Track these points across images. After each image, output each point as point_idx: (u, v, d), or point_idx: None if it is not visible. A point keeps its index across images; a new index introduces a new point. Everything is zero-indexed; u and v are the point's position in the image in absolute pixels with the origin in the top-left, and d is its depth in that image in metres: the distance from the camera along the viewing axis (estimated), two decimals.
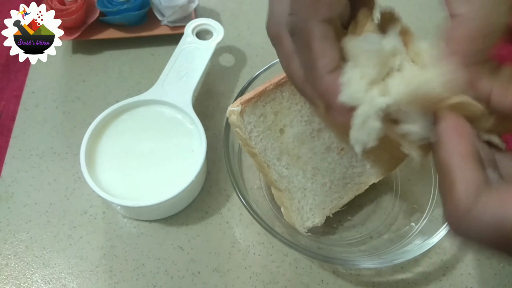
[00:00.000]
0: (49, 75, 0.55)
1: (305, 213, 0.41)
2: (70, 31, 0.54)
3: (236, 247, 0.44)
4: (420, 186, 0.46)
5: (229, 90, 0.55)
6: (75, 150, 0.49)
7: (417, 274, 0.43)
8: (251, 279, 0.42)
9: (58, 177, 0.48)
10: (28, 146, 0.49)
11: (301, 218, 0.41)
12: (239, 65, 0.57)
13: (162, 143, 0.45)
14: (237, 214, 0.46)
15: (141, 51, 0.58)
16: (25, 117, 0.52)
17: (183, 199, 0.45)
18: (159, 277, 0.42)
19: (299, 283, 0.42)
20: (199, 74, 0.49)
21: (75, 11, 0.52)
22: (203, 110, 0.52)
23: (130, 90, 0.54)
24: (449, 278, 0.43)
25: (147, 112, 0.47)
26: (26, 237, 0.44)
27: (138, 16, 0.56)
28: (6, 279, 0.42)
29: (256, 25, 0.61)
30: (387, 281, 0.42)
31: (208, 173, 0.48)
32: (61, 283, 0.42)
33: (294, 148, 0.40)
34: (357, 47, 0.28)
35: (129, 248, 0.44)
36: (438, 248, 0.44)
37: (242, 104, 0.37)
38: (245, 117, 0.38)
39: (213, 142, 0.50)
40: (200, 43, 0.51)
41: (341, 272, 0.43)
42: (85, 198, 0.46)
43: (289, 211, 0.40)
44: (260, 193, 0.46)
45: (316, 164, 0.41)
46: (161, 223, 0.45)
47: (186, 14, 0.57)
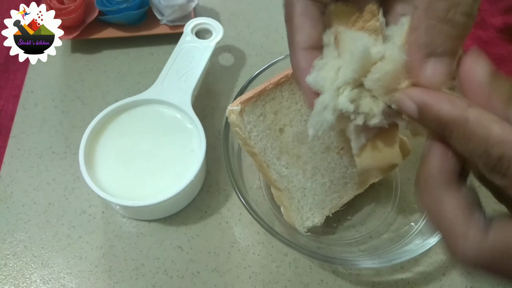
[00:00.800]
0: (48, 75, 0.55)
1: (305, 212, 0.41)
2: (69, 30, 0.53)
3: (236, 247, 0.44)
4: None
5: (229, 90, 0.55)
6: (74, 150, 0.49)
7: (417, 273, 0.43)
8: (250, 279, 0.42)
9: (57, 176, 0.47)
10: (27, 146, 0.49)
11: (301, 218, 0.41)
12: (238, 65, 0.57)
13: (162, 143, 0.45)
14: (237, 214, 0.46)
15: (140, 51, 0.58)
16: (24, 116, 0.52)
17: (182, 198, 0.45)
18: (158, 277, 0.42)
19: (299, 282, 0.42)
20: (199, 73, 0.48)
21: (74, 10, 0.52)
22: (202, 110, 0.52)
23: (129, 89, 0.54)
24: (449, 278, 0.43)
25: (146, 111, 0.47)
26: (25, 237, 0.44)
27: (137, 15, 0.56)
28: (5, 279, 0.41)
29: (255, 24, 0.61)
30: (386, 281, 0.42)
31: (208, 172, 0.48)
32: (60, 283, 0.41)
33: (293, 148, 0.40)
34: (348, 42, 0.27)
35: (128, 248, 0.43)
36: (438, 247, 0.44)
37: (241, 103, 0.37)
38: (245, 116, 0.38)
39: (212, 142, 0.49)
40: (199, 42, 0.51)
41: (341, 272, 0.43)
42: (84, 198, 0.46)
43: (288, 210, 0.40)
44: (259, 192, 0.46)
45: (316, 164, 0.41)
46: (160, 223, 0.45)
47: (185, 13, 0.57)
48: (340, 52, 0.28)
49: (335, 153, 0.42)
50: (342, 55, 0.27)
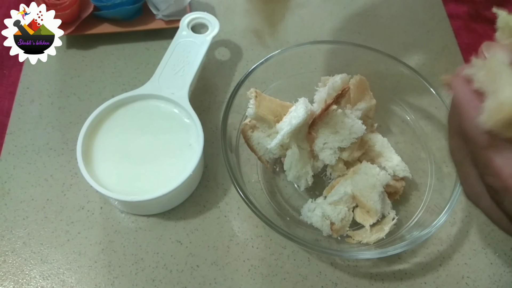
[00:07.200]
0: (43, 71, 0.55)
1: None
2: (64, 26, 0.53)
3: (235, 241, 0.44)
4: (417, 177, 0.46)
5: (225, 84, 0.55)
6: (71, 146, 0.49)
7: (414, 264, 0.43)
8: (249, 272, 0.42)
9: (55, 173, 0.47)
10: (24, 142, 0.49)
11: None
12: (234, 59, 0.57)
13: (159, 138, 0.45)
14: (235, 208, 0.46)
15: (136, 46, 0.58)
16: (20, 113, 0.51)
17: (180, 193, 0.45)
18: (158, 271, 0.42)
19: (298, 275, 0.42)
20: (195, 68, 0.48)
21: (69, 5, 0.51)
22: (199, 105, 0.52)
23: (125, 85, 0.54)
24: (446, 268, 0.43)
25: (143, 106, 0.47)
26: (23, 233, 0.44)
27: (133, 10, 0.55)
28: (4, 275, 0.42)
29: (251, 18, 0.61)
30: (384, 272, 0.43)
31: (206, 167, 0.48)
32: (59, 278, 0.42)
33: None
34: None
35: (127, 243, 0.44)
36: (435, 238, 0.45)
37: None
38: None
39: (210, 136, 0.50)
40: (195, 37, 0.51)
41: (339, 264, 0.43)
42: (82, 194, 0.46)
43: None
44: (257, 186, 0.46)
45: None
46: (159, 218, 0.45)
47: (180, 8, 0.56)
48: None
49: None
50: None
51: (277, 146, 0.41)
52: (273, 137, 0.43)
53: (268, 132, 0.44)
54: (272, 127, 0.43)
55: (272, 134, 0.43)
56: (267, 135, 0.44)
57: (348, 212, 0.42)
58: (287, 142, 0.41)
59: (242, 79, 0.46)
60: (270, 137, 0.43)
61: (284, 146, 0.42)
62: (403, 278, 0.43)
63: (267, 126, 0.43)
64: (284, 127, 0.40)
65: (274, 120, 0.42)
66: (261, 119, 0.43)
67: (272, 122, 0.42)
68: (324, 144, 0.42)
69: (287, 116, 0.42)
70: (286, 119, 0.42)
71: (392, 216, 0.42)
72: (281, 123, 0.42)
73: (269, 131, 0.44)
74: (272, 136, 0.43)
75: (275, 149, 0.42)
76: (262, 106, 0.42)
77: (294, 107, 0.42)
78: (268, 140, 0.43)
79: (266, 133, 0.44)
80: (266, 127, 0.44)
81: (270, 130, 0.43)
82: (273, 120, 0.42)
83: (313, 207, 0.43)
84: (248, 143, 0.45)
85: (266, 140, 0.44)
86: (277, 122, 0.42)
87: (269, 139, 0.43)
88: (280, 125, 0.41)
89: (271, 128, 0.43)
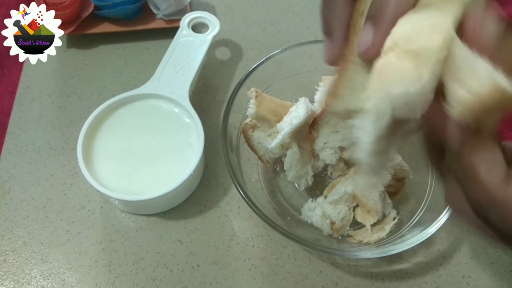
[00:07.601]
0: (44, 70, 0.55)
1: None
2: (64, 26, 0.53)
3: (235, 240, 0.44)
4: (417, 176, 0.46)
5: (226, 84, 0.55)
6: (72, 145, 0.49)
7: (414, 264, 0.43)
8: (250, 271, 0.42)
9: (55, 172, 0.47)
10: (24, 142, 0.49)
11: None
12: (235, 59, 0.57)
13: (160, 137, 0.45)
14: (236, 207, 0.46)
15: (137, 45, 0.58)
16: (20, 112, 0.51)
17: (181, 192, 0.45)
18: (158, 270, 0.42)
19: (298, 274, 0.42)
20: (196, 67, 0.48)
21: (70, 5, 0.51)
22: (199, 104, 0.52)
23: (126, 84, 0.54)
24: (447, 268, 0.43)
25: (143, 106, 0.47)
26: (24, 233, 0.44)
27: (133, 9, 0.55)
28: (4, 275, 0.41)
29: (251, 18, 0.61)
30: (385, 271, 0.43)
31: (206, 166, 0.48)
32: (60, 278, 0.42)
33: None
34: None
35: (128, 242, 0.44)
36: (436, 238, 0.45)
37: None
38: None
39: (210, 136, 0.50)
40: (196, 36, 0.51)
41: (340, 263, 0.43)
42: (83, 193, 0.46)
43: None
44: (258, 186, 0.46)
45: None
46: (160, 217, 0.45)
47: (181, 7, 0.56)
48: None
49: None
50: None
51: (277, 146, 0.41)
52: (273, 136, 0.43)
53: (269, 132, 0.44)
54: (272, 127, 0.43)
55: (272, 133, 0.43)
56: (268, 135, 0.44)
57: (348, 212, 0.42)
58: (287, 142, 0.41)
59: (243, 79, 0.45)
60: (271, 137, 0.43)
61: (285, 146, 0.42)
62: (404, 277, 0.43)
63: (267, 126, 0.43)
64: (284, 127, 0.40)
65: (275, 119, 0.42)
66: (262, 119, 0.43)
67: (273, 121, 0.42)
68: (324, 143, 0.42)
69: (287, 115, 0.42)
70: (286, 118, 0.42)
71: (393, 215, 0.42)
72: (281, 123, 0.42)
73: (269, 131, 0.44)
74: (272, 135, 0.43)
75: (275, 148, 0.42)
76: (263, 105, 0.42)
77: (294, 107, 0.42)
78: (269, 139, 0.43)
79: (267, 133, 0.44)
80: (267, 126, 0.44)
81: (270, 129, 0.43)
82: (274, 120, 0.42)
83: (313, 207, 0.43)
84: (249, 143, 0.45)
85: (266, 139, 0.44)
86: (278, 121, 0.42)
87: (270, 139, 0.43)
88: (281, 125, 0.41)
89: (271, 128, 0.43)
